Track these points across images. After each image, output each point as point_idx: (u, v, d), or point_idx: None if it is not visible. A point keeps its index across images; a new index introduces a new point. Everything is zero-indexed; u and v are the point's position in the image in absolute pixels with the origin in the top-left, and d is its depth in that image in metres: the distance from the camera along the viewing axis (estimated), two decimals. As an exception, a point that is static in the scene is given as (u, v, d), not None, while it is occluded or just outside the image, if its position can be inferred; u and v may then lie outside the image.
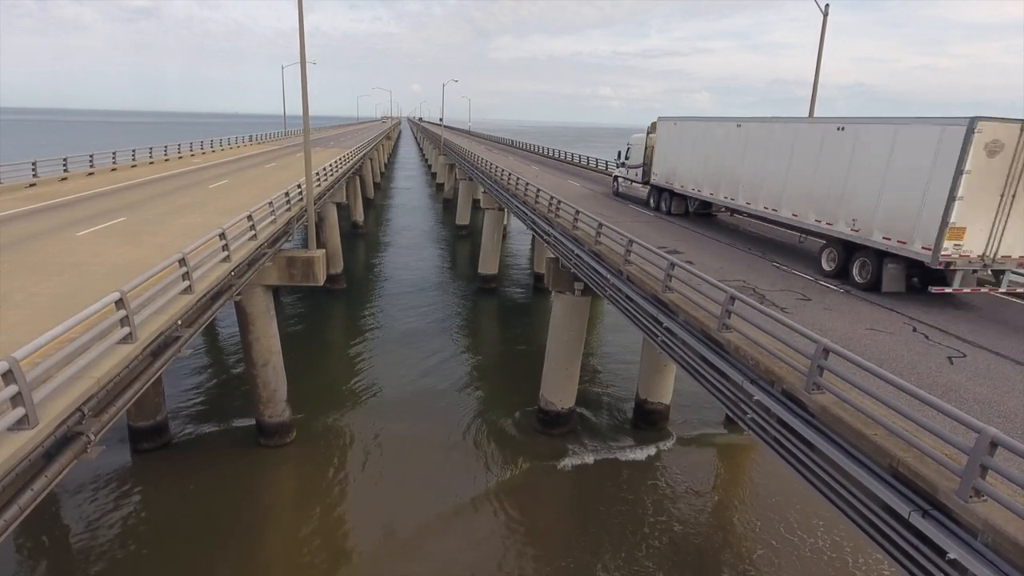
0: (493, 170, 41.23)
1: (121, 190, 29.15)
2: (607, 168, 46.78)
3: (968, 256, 13.37)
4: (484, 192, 45.67)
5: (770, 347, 10.28)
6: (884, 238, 14.75)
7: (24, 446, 7.05)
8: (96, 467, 20.17)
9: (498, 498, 19.86)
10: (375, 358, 30.93)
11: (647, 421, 24.69)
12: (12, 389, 6.99)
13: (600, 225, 19.11)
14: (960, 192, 12.80)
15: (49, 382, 7.86)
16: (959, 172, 12.75)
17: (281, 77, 76.27)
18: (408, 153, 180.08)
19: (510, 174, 35.70)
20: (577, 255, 20.50)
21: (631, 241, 16.38)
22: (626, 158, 31.26)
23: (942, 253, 13.23)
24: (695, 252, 19.53)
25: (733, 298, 11.37)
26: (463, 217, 64.12)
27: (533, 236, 49.89)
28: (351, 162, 48.11)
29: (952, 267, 13.46)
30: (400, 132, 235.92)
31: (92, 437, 9.11)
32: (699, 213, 26.04)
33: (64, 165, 32.90)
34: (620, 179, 32.63)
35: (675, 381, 24.92)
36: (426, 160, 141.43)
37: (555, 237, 23.20)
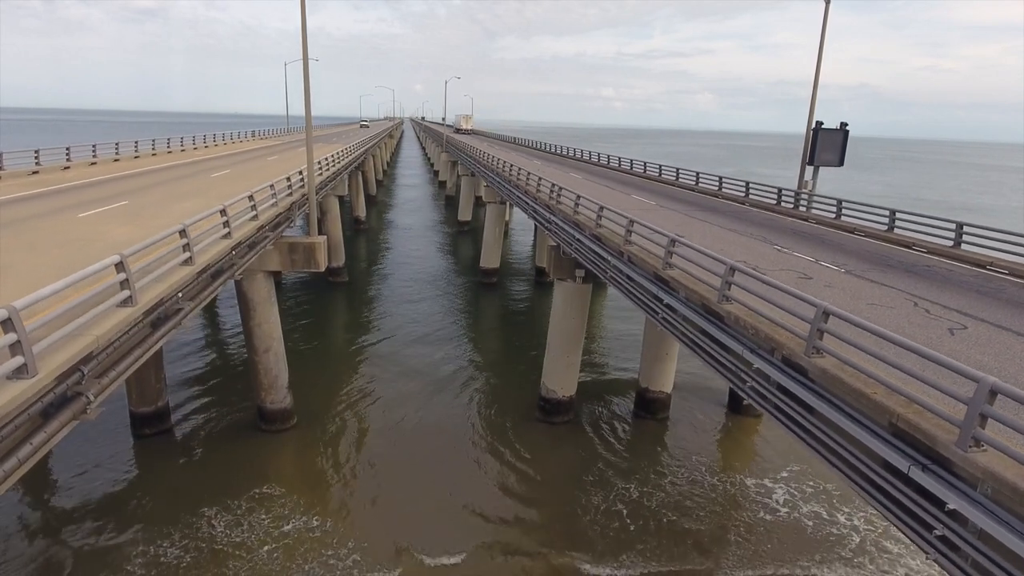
0: (495, 163, 41.27)
1: (123, 178, 29.25)
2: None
3: (468, 129, 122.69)
4: (486, 187, 45.68)
5: (770, 315, 10.28)
6: (459, 126, 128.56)
7: (23, 393, 7.07)
8: (97, 452, 20.19)
9: (497, 485, 19.80)
10: (376, 347, 30.94)
11: (648, 409, 24.65)
12: (11, 337, 7.01)
13: (601, 208, 19.13)
14: (461, 121, 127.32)
15: (49, 336, 7.87)
16: (460, 120, 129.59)
17: (284, 74, 76.56)
18: (411, 152, 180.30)
19: (512, 166, 35.72)
20: (578, 240, 20.50)
21: (632, 222, 16.39)
22: (454, 123, 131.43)
23: (457, 127, 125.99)
24: (698, 237, 19.51)
25: (733, 269, 11.37)
26: (465, 213, 64.15)
27: (535, 230, 50.01)
28: (353, 155, 48.20)
29: (467, 131, 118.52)
30: (403, 133, 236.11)
31: (92, 398, 9.13)
32: (460, 133, 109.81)
33: (67, 154, 33.02)
34: (452, 127, 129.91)
35: (676, 373, 24.85)
36: (428, 159, 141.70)
37: (556, 224, 23.21)
